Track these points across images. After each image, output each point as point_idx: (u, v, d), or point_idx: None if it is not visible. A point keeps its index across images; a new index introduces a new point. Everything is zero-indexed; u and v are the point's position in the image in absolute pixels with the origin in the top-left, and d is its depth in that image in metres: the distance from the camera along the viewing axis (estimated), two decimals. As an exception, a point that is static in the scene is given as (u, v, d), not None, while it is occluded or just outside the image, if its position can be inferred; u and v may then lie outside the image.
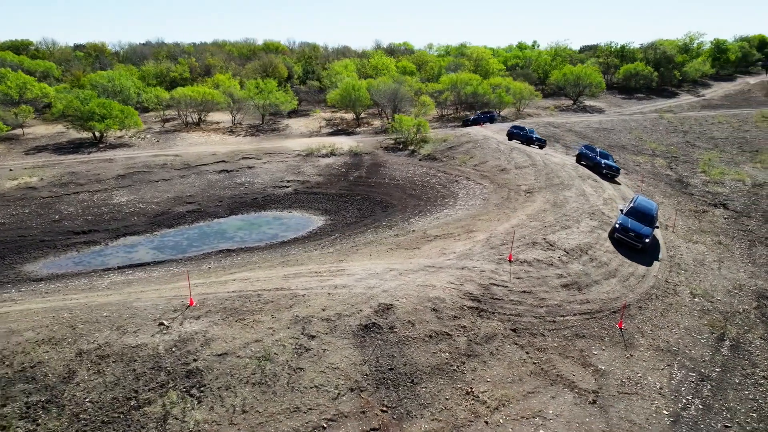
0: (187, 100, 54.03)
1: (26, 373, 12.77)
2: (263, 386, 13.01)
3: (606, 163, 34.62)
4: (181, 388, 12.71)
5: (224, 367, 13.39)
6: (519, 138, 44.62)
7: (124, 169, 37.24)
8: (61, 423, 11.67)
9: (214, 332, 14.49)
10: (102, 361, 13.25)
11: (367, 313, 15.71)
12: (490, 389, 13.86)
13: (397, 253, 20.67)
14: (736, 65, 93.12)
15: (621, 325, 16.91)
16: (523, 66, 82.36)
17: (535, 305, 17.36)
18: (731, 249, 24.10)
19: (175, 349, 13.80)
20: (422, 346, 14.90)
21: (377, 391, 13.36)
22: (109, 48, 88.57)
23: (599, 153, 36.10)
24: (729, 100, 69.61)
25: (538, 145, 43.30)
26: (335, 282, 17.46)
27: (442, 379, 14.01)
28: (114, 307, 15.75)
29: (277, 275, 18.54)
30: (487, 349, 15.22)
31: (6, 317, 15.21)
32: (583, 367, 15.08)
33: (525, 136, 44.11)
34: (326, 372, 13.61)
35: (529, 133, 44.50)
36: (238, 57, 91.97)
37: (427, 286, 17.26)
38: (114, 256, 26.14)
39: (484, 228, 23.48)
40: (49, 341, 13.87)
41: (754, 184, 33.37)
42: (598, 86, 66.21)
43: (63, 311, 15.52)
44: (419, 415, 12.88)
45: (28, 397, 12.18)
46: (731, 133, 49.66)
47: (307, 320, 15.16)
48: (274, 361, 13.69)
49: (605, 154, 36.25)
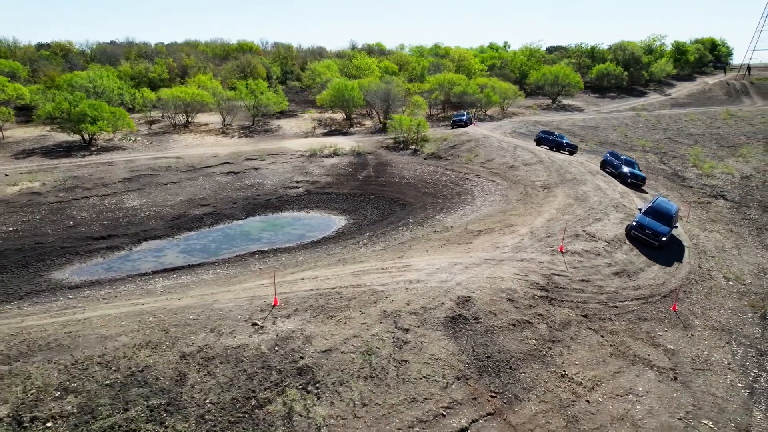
0: (176, 102, 52.62)
1: (137, 377, 12.55)
2: (375, 379, 13.30)
3: (631, 171, 33.49)
4: (296, 385, 12.82)
5: (332, 363, 13.58)
6: (549, 144, 42.45)
7: (128, 172, 36.04)
8: (188, 425, 11.59)
9: (311, 330, 14.61)
10: (209, 363, 13.17)
11: (450, 305, 16.21)
12: (580, 371, 14.66)
13: (451, 248, 21.25)
14: (693, 66, 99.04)
15: (675, 308, 18.13)
16: (500, 66, 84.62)
17: (596, 292, 18.34)
18: (743, 236, 26.12)
19: (278, 348, 13.86)
20: (509, 334, 15.55)
21: (481, 378, 13.90)
22: (76, 47, 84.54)
23: (624, 161, 34.81)
24: (694, 99, 74.12)
25: (569, 151, 41.22)
26: (407, 277, 17.84)
27: (536, 364, 14.70)
28: (196, 310, 15.56)
29: (343, 273, 18.73)
30: (566, 334, 16.03)
31: (88, 323, 14.77)
32: (654, 347, 16.14)
33: (555, 142, 42.11)
34: (430, 363, 14.03)
35: (559, 138, 42.53)
36: (212, 57, 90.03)
37: (495, 278, 17.92)
38: (144, 260, 25.44)
39: (520, 222, 24.40)
40: (147, 345, 13.63)
41: (743, 177, 36.03)
42: (576, 86, 69.04)
43: (146, 315, 15.21)
44: (526, 399, 13.52)
45: (147, 401, 12.00)
46: (705, 129, 53.06)
47: (396, 314, 15.51)
48: (377, 354, 13.98)
49: (630, 162, 35.02)
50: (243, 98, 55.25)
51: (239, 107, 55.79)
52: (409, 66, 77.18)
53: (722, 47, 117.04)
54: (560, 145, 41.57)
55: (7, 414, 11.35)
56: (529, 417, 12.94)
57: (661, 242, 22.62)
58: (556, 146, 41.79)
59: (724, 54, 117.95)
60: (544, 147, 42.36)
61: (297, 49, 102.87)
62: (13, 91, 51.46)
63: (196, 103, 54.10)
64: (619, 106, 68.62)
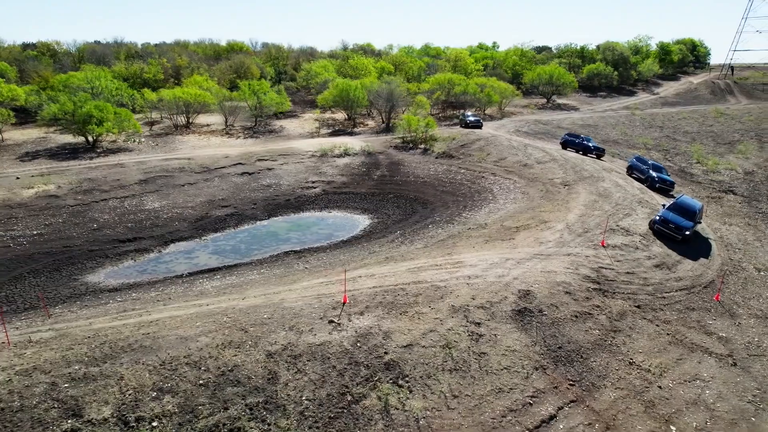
0: (177, 102, 51.95)
1: (228, 377, 12.61)
2: (460, 372, 13.62)
3: (659, 176, 32.72)
4: (387, 380, 13.06)
5: (415, 357, 13.85)
6: (575, 147, 41.20)
7: (142, 173, 35.55)
8: (290, 422, 11.72)
9: (388, 326, 14.85)
10: (297, 361, 13.30)
11: (513, 299, 16.64)
12: (646, 359, 15.25)
13: (496, 244, 21.69)
14: (675, 66, 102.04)
15: (718, 298, 18.91)
16: (493, 66, 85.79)
17: (642, 284, 19.01)
18: (761, 229, 27.28)
19: (360, 344, 14.06)
20: (573, 325, 16.05)
21: (557, 368, 14.35)
22: (64, 47, 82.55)
23: (651, 165, 33.99)
24: (681, 98, 76.44)
25: (596, 155, 39.80)
26: (463, 273, 18.20)
27: (603, 352, 15.22)
28: (267, 309, 15.64)
29: (398, 270, 18.98)
30: (625, 324, 16.62)
31: (162, 324, 14.72)
32: (707, 335, 16.85)
33: (582, 146, 40.84)
34: (507, 354, 14.42)
35: (586, 141, 41.10)
36: (204, 58, 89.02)
37: (549, 272, 18.43)
38: (177, 262, 25.23)
39: (553, 218, 25.00)
40: (230, 345, 13.68)
41: (746, 173, 37.50)
42: (570, 85, 70.50)
43: (218, 316, 15.23)
44: (602, 386, 14.02)
45: (244, 399, 12.08)
46: (699, 127, 54.87)
47: (465, 309, 15.86)
48: (456, 348, 14.31)
49: (658, 167, 34.16)
50: (246, 99, 54.87)
51: (241, 108, 55.40)
52: (405, 66, 77.62)
53: (701, 48, 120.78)
54: (587, 149, 40.33)
55: (111, 414, 11.32)
56: (609, 403, 13.43)
57: (685, 236, 23.04)
58: (583, 149, 40.57)
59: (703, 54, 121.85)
60: (570, 150, 41.41)
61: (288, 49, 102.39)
62: (9, 92, 50.15)
63: (198, 104, 53.53)
64: (612, 104, 70.31)
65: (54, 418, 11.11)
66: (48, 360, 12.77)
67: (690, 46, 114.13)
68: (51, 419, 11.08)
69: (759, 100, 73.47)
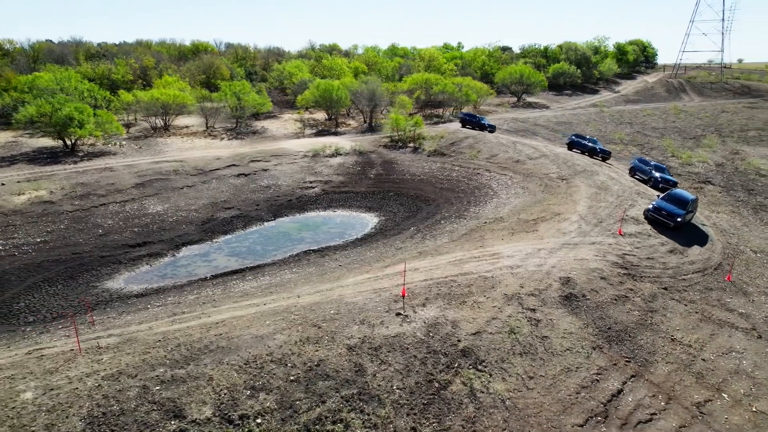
0: (156, 104, 50.33)
1: (316, 371, 12.83)
2: (529, 355, 14.40)
3: (662, 176, 33.20)
4: (467, 366, 13.64)
5: (485, 343, 14.50)
6: (581, 148, 41.29)
7: (137, 177, 34.42)
8: (387, 411, 12.10)
9: (452, 315, 15.43)
10: (378, 353, 13.66)
11: (557, 286, 17.60)
12: (684, 335, 16.57)
13: (522, 236, 22.66)
14: (630, 66, 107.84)
15: (729, 278, 20.64)
16: (462, 66, 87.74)
17: (663, 268, 20.48)
18: (744, 216, 29.72)
19: (431, 334, 14.57)
20: (615, 307, 17.19)
21: (611, 347, 15.39)
22: (18, 46, 77.79)
23: (654, 166, 34.58)
24: (641, 96, 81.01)
25: (602, 157, 39.76)
26: (504, 263, 19.03)
27: (647, 331, 16.42)
28: (330, 305, 15.86)
29: (440, 263, 19.58)
30: (658, 305, 17.92)
31: (230, 324, 14.67)
32: (729, 311, 18.43)
33: (588, 147, 40.73)
34: (566, 337, 15.33)
35: (592, 143, 41.01)
36: (169, 58, 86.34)
37: (581, 260, 19.55)
38: (196, 265, 24.77)
39: (564, 211, 26.30)
40: (308, 341, 13.87)
41: (717, 164, 40.53)
42: (540, 84, 73.27)
43: (284, 314, 15.33)
44: (654, 361, 15.16)
45: (338, 392, 12.35)
46: (664, 123, 58.51)
47: (518, 297, 16.66)
48: (520, 333, 15.08)
49: (660, 167, 34.79)
50: (226, 99, 53.82)
51: (221, 109, 54.31)
52: (378, 66, 78.20)
53: (650, 49, 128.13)
54: (593, 151, 40.37)
55: (213, 414, 11.33)
56: (665, 376, 14.57)
57: (676, 223, 24.15)
58: (590, 152, 40.66)
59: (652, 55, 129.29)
60: (576, 151, 41.65)
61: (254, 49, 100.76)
62: (-30, 94, 47.10)
63: (177, 106, 52.04)
64: (579, 102, 73.60)
65: (158, 420, 11.01)
66: (130, 364, 12.55)
67: (641, 47, 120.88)
68: (155, 421, 10.98)
69: (709, 97, 78.94)
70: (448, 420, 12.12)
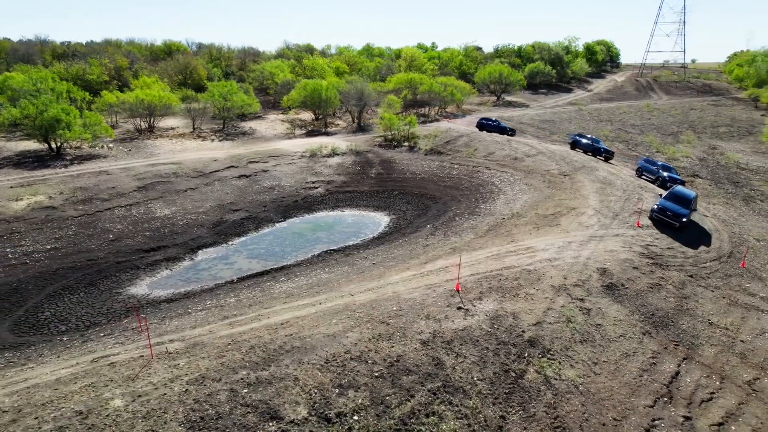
0: (142, 105, 48.80)
1: (398, 367, 12.98)
2: (589, 342, 14.98)
3: (670, 176, 33.33)
4: (537, 355, 14.09)
5: (547, 333, 15.00)
6: (584, 148, 41.39)
7: (137, 180, 33.37)
8: (473, 402, 12.39)
9: (510, 307, 15.86)
10: (451, 346, 13.93)
11: (596, 277, 18.32)
12: (719, 319, 17.57)
13: (547, 230, 23.36)
14: (598, 65, 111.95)
15: (743, 265, 21.95)
16: (440, 66, 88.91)
17: (684, 256, 21.60)
18: (737, 207, 31.56)
19: (496, 326, 14.94)
20: (652, 295, 18.04)
21: (659, 332, 16.18)
22: (-23, 44, 73.60)
23: (661, 166, 34.73)
24: (613, 94, 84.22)
25: (605, 158, 39.79)
26: (541, 257, 19.63)
27: (686, 316, 17.32)
28: (390, 302, 16.00)
29: (479, 258, 19.99)
30: (689, 291, 18.92)
31: (296, 325, 14.60)
32: (751, 296, 19.63)
33: (592, 147, 40.71)
34: (617, 324, 16.01)
35: (596, 143, 41.00)
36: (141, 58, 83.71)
37: (611, 251, 20.39)
38: (218, 269, 24.32)
39: (577, 205, 27.24)
40: (380, 337, 13.99)
41: (699, 159, 42.77)
42: (519, 83, 75.16)
43: (347, 312, 15.37)
44: (699, 344, 16.04)
45: (424, 386, 12.55)
46: (641, 120, 61.13)
47: (565, 288, 17.26)
48: (576, 322, 15.66)
49: (667, 167, 34.92)
50: (213, 100, 52.70)
51: (207, 110, 53.14)
52: (359, 66, 78.24)
53: (614, 49, 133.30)
54: (597, 151, 40.37)
55: (308, 413, 11.32)
56: (713, 358, 15.45)
57: (682, 223, 24.43)
58: (593, 151, 40.58)
59: (616, 55, 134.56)
60: (578, 150, 41.85)
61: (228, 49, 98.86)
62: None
63: (162, 107, 50.60)
64: (557, 101, 75.85)
65: (256, 423, 10.92)
66: (210, 368, 12.35)
67: (606, 47, 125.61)
68: (253, 424, 10.89)
69: (676, 96, 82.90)
70: (532, 407, 12.51)
